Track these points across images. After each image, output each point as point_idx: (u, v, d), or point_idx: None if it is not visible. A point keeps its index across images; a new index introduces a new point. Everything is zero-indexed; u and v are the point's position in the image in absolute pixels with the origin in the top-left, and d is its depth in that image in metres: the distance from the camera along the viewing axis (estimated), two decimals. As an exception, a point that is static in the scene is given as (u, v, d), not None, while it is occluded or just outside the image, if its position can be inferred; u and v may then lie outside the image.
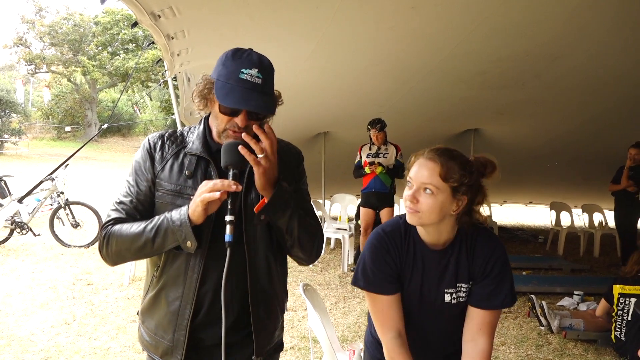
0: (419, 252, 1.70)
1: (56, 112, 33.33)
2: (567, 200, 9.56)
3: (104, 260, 1.56)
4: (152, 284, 1.57)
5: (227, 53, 1.46)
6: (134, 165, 1.57)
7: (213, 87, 1.45)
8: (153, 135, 1.59)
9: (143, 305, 1.62)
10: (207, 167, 1.52)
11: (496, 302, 1.68)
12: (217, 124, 1.50)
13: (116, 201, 1.56)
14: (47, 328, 4.16)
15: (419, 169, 1.59)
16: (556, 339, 4.26)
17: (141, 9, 3.22)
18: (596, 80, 5.46)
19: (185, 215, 1.40)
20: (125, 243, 1.47)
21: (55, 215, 7.27)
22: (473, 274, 1.69)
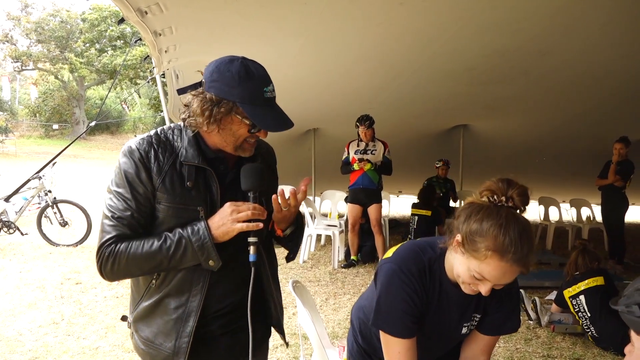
0: (444, 290, 1.63)
1: (43, 110, 33.02)
2: (556, 195, 9.65)
3: (104, 277, 1.49)
4: (149, 292, 1.53)
5: (236, 71, 1.42)
6: (124, 176, 1.45)
7: (232, 110, 1.43)
8: (138, 143, 1.48)
9: (137, 314, 1.56)
10: (208, 177, 1.51)
11: (505, 329, 1.72)
12: (234, 140, 1.49)
13: (112, 215, 1.45)
14: (35, 328, 4.12)
15: (504, 275, 1.42)
16: (544, 333, 4.29)
17: (128, 6, 3.19)
18: (584, 76, 5.51)
19: (208, 237, 1.44)
20: (138, 262, 1.44)
21: (43, 214, 7.20)
22: (489, 306, 1.69)
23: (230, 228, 1.45)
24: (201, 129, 1.49)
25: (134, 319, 1.59)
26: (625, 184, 6.58)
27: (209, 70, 1.46)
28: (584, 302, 4.06)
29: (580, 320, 4.14)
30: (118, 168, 1.48)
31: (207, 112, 1.43)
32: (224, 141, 1.51)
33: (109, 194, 1.48)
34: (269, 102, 1.46)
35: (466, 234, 1.45)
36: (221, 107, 1.43)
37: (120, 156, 1.48)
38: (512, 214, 1.42)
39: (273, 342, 3.99)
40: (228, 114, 1.44)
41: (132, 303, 1.61)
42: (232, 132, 1.48)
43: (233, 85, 1.42)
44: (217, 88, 1.42)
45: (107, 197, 1.48)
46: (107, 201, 1.47)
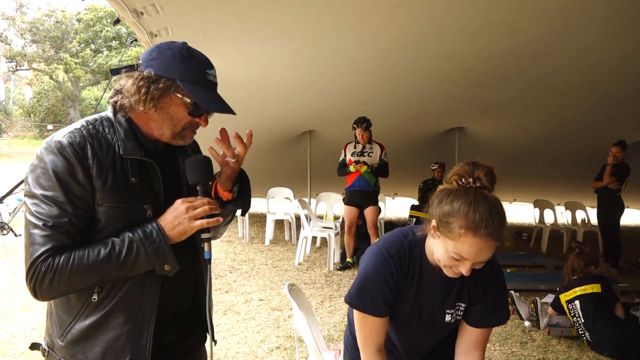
0: (425, 275, 1.66)
1: (38, 110, 32.90)
2: (551, 197, 9.68)
3: (39, 297, 1.28)
4: (88, 310, 1.33)
5: (177, 50, 1.35)
6: (54, 176, 1.26)
7: (171, 87, 1.34)
8: (69, 137, 1.30)
9: (72, 337, 1.34)
10: (150, 172, 1.39)
11: (493, 321, 1.71)
12: (173, 125, 1.39)
13: (44, 224, 1.25)
14: (28, 330, 4.09)
15: (481, 251, 1.45)
16: (540, 336, 4.29)
17: (123, 6, 3.17)
18: (579, 78, 5.53)
19: (163, 239, 1.31)
20: (82, 275, 1.26)
21: (36, 215, 7.16)
22: (473, 294, 1.70)
23: (188, 227, 1.33)
24: (135, 110, 1.36)
25: (65, 344, 1.35)
26: (620, 187, 6.61)
27: (148, 51, 1.38)
28: (578, 307, 4.07)
29: (575, 324, 4.14)
30: (43, 168, 1.27)
31: (143, 89, 1.32)
32: (161, 127, 1.40)
33: (31, 198, 1.27)
34: (212, 85, 1.39)
35: (439, 217, 1.49)
36: (159, 83, 1.32)
37: (45, 153, 1.28)
38: (480, 193, 1.46)
39: (268, 345, 3.98)
40: (167, 92, 1.34)
41: (57, 326, 1.37)
42: (169, 115, 1.37)
43: (174, 63, 1.33)
44: (156, 66, 1.33)
45: (30, 203, 1.27)
46: (31, 208, 1.26)
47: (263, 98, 6.33)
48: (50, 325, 1.40)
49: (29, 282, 1.26)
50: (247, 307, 4.82)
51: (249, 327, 4.25)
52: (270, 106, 6.66)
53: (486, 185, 1.49)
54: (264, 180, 8.66)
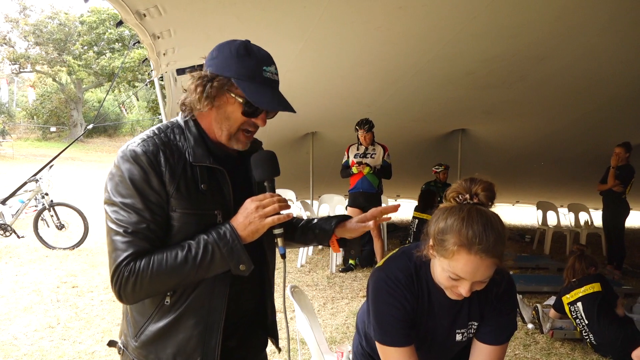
0: (433, 297, 1.61)
1: (41, 112, 32.96)
2: (554, 199, 9.66)
3: (124, 301, 1.34)
4: (160, 312, 1.38)
5: (235, 47, 1.37)
6: (132, 184, 1.29)
7: (225, 85, 1.35)
8: (143, 145, 1.33)
9: (146, 338, 1.40)
10: (222, 178, 1.41)
11: (504, 337, 1.65)
12: (229, 125, 1.40)
13: (125, 230, 1.29)
14: (30, 332, 4.09)
15: (478, 269, 1.39)
16: (543, 339, 4.28)
17: (126, 8, 3.17)
18: (582, 81, 5.50)
19: (236, 239, 1.33)
20: (163, 278, 1.30)
21: (39, 216, 7.17)
22: (485, 311, 1.65)
23: (260, 225, 1.35)
24: (195, 109, 1.39)
25: (139, 345, 1.41)
26: (625, 190, 6.58)
27: (211, 52, 1.41)
28: (581, 309, 4.05)
29: (578, 327, 4.12)
30: (120, 176, 1.31)
31: (200, 87, 1.35)
32: (220, 127, 1.41)
33: (111, 206, 1.31)
34: (269, 82, 1.37)
35: (434, 236, 1.46)
36: (214, 82, 1.34)
37: (121, 162, 1.32)
38: (475, 209, 1.42)
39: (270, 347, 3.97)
40: (222, 90, 1.35)
41: (132, 326, 1.43)
42: (226, 114, 1.39)
43: (230, 61, 1.35)
44: (214, 65, 1.36)
45: (110, 211, 1.31)
46: (112, 215, 1.30)
47: (265, 100, 6.32)
48: (125, 326, 1.46)
49: (114, 286, 1.30)
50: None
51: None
52: (272, 108, 6.64)
53: (484, 201, 1.44)
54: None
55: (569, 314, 4.18)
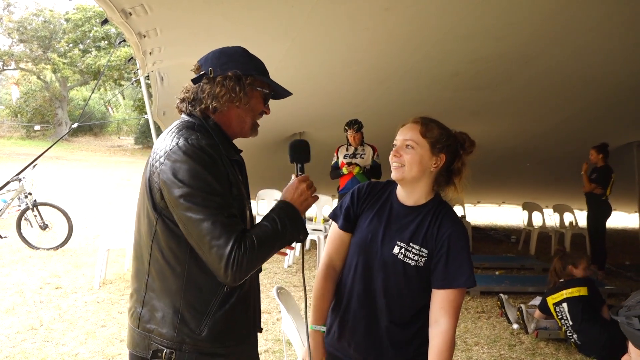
0: (389, 204, 1.81)
1: (25, 111, 32.49)
2: (539, 200, 9.73)
3: (236, 281, 1.40)
4: (223, 298, 1.49)
5: (241, 51, 1.59)
6: (206, 172, 1.39)
7: (253, 82, 1.54)
8: (201, 140, 1.44)
9: (217, 323, 1.48)
10: (242, 169, 1.62)
11: (457, 282, 1.68)
12: (252, 116, 1.60)
13: (223, 214, 1.38)
14: (12, 334, 4.03)
15: (403, 130, 1.76)
16: (528, 339, 4.31)
17: (111, 6, 3.13)
18: (568, 82, 5.56)
19: (297, 212, 1.52)
20: (265, 251, 1.43)
21: (22, 216, 7.06)
22: (429, 241, 1.72)
23: (312, 201, 1.58)
24: (221, 111, 1.53)
25: (207, 335, 1.47)
26: (605, 191, 6.63)
27: (214, 57, 1.56)
28: (566, 310, 4.09)
29: (563, 327, 4.16)
30: (192, 166, 1.38)
31: (236, 87, 1.50)
32: (244, 120, 1.59)
33: (194, 197, 1.36)
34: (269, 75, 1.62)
35: None
36: (246, 80, 1.52)
37: (185, 155, 1.39)
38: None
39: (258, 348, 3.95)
40: (252, 85, 1.54)
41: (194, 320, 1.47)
42: (251, 107, 1.57)
43: (245, 62, 1.56)
44: (234, 67, 1.52)
45: (196, 201, 1.36)
46: (201, 203, 1.36)
47: (253, 100, 6.30)
48: (177, 325, 1.47)
49: (229, 268, 1.36)
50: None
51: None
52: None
53: None
54: (254, 182, 8.51)
55: (554, 315, 4.22)
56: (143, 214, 1.53)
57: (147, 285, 1.50)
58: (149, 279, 1.50)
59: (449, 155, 1.76)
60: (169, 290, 1.48)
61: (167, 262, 1.47)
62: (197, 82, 1.55)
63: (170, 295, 1.47)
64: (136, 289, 1.55)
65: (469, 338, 4.31)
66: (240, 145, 1.70)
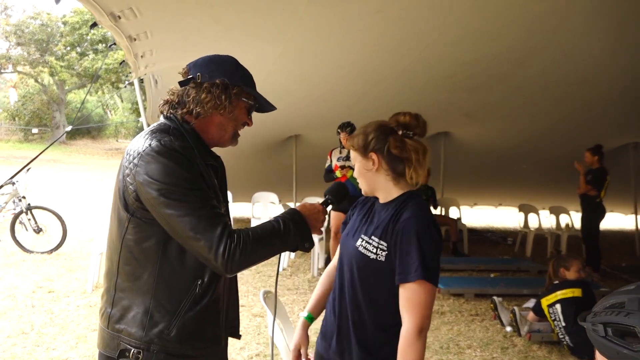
0: (372, 203, 1.82)
1: (23, 114, 32.41)
2: (536, 202, 9.71)
3: (228, 272, 1.42)
4: (195, 299, 1.49)
5: (231, 60, 1.60)
6: (182, 170, 1.40)
7: (240, 92, 1.56)
8: (169, 143, 1.44)
9: (186, 324, 1.48)
10: (219, 174, 1.62)
11: (411, 276, 1.55)
12: (234, 126, 1.61)
13: (205, 206, 1.40)
14: (2, 338, 4.00)
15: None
16: (521, 342, 4.29)
17: (100, 10, 3.13)
18: (562, 84, 5.57)
19: (305, 221, 1.54)
20: (261, 246, 1.45)
21: (16, 220, 7.04)
22: (388, 235, 1.64)
23: (319, 226, 1.61)
24: (204, 117, 1.53)
25: (176, 336, 1.47)
26: (599, 193, 6.63)
27: (203, 63, 1.56)
28: (559, 311, 4.08)
29: (555, 329, 4.15)
30: (167, 165, 1.39)
31: (222, 95, 1.51)
32: (225, 129, 1.60)
33: (174, 193, 1.37)
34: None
35: None
36: (233, 89, 1.54)
37: (159, 155, 1.40)
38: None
39: (248, 352, 3.94)
40: (238, 96, 1.56)
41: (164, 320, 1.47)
42: (235, 117, 1.59)
43: (234, 71, 1.57)
44: (222, 75, 1.53)
45: (177, 198, 1.37)
46: (182, 199, 1.37)
47: (247, 102, 6.31)
48: (145, 325, 1.47)
49: (220, 257, 1.37)
50: (229, 313, 4.77)
51: (230, 334, 4.20)
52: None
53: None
54: (249, 184, 8.61)
55: (547, 316, 4.21)
56: (114, 215, 1.54)
57: (117, 285, 1.51)
58: (118, 279, 1.51)
59: (378, 150, 1.69)
60: (139, 290, 1.48)
61: (137, 262, 1.48)
62: (184, 85, 1.55)
63: (141, 295, 1.48)
64: (106, 289, 1.57)
65: (462, 341, 4.29)
66: (236, 149, 1.76)
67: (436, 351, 4.07)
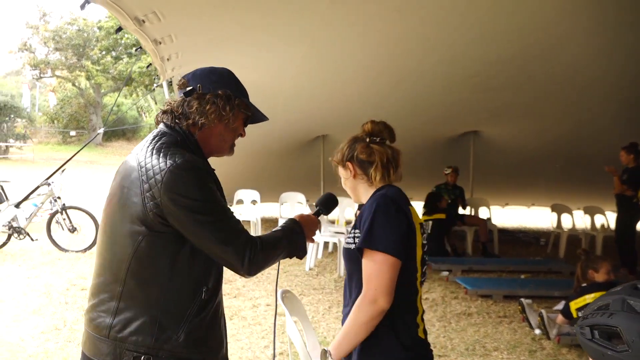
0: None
1: (61, 117, 33.46)
2: (570, 202, 9.46)
3: (248, 272, 1.52)
4: (201, 305, 1.53)
5: (228, 73, 1.65)
6: (204, 185, 1.49)
7: (240, 104, 1.61)
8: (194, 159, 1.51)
9: (196, 327, 1.52)
10: (217, 185, 1.63)
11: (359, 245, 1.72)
12: (233, 137, 1.66)
13: (231, 218, 1.51)
14: (37, 334, 4.15)
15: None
16: (550, 345, 4.20)
17: (124, 14, 3.20)
18: (589, 81, 5.43)
19: (303, 232, 1.65)
20: (274, 252, 1.57)
21: (52, 219, 7.27)
22: (358, 222, 1.79)
23: (312, 238, 1.72)
24: (207, 127, 1.57)
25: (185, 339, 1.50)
26: (636, 193, 6.40)
27: (203, 74, 1.60)
28: None
29: None
30: (193, 185, 1.46)
31: (227, 106, 1.56)
32: (224, 140, 1.65)
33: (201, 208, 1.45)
34: None
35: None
36: (235, 101, 1.58)
37: (182, 170, 1.46)
38: None
39: (272, 351, 3.96)
40: (239, 107, 1.60)
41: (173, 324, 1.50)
42: (233, 128, 1.63)
43: (232, 84, 1.62)
44: (223, 87, 1.57)
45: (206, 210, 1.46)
46: (210, 212, 1.47)
47: (274, 103, 6.34)
48: (154, 332, 1.49)
49: (245, 260, 1.48)
50: (254, 312, 4.82)
51: (254, 333, 4.25)
52: (281, 111, 6.66)
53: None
54: (277, 185, 8.66)
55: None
56: (120, 227, 1.52)
57: (122, 295, 1.50)
58: (124, 289, 1.50)
59: (351, 158, 1.87)
60: (147, 300, 1.50)
61: (147, 273, 1.50)
62: (189, 95, 1.57)
63: (148, 304, 1.50)
64: (104, 299, 1.54)
65: (489, 343, 4.23)
66: (264, 150, 1.86)
67: (461, 353, 4.02)
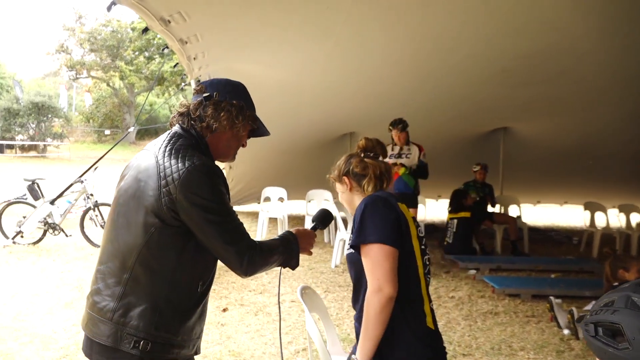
0: None
1: (96, 116, 34.35)
2: (604, 200, 9.19)
3: (245, 273, 1.65)
4: (197, 297, 1.69)
5: (242, 87, 1.77)
6: (221, 191, 1.61)
7: (251, 116, 1.73)
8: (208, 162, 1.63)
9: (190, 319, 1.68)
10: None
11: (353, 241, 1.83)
12: (237, 145, 1.77)
13: (238, 223, 1.64)
14: (69, 327, 4.28)
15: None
16: (579, 345, 4.10)
17: (150, 15, 3.27)
18: (624, 76, 5.25)
19: (297, 245, 1.79)
20: (270, 257, 1.69)
21: (85, 216, 7.48)
22: (353, 227, 1.89)
23: (307, 252, 1.86)
24: (218, 132, 1.68)
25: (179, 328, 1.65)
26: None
27: (219, 84, 1.73)
28: None
29: None
30: (209, 186, 1.58)
31: (240, 115, 1.68)
32: (230, 147, 1.76)
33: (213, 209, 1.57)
34: None
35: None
36: (247, 112, 1.70)
37: (201, 173, 1.58)
38: None
39: (295, 346, 4.00)
40: (250, 118, 1.72)
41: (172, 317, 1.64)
42: (240, 137, 1.75)
43: (248, 97, 1.74)
44: (237, 98, 1.70)
45: (217, 211, 1.58)
46: (220, 213, 1.59)
47: (300, 101, 6.37)
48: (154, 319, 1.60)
49: (247, 264, 1.62)
50: (279, 308, 4.85)
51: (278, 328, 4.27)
52: (307, 109, 6.68)
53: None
54: (304, 182, 8.68)
55: None
56: (134, 217, 1.63)
57: (127, 282, 1.61)
58: (130, 276, 1.61)
59: (347, 173, 2.00)
60: (152, 288, 1.62)
61: (155, 263, 1.61)
62: (208, 99, 1.68)
63: (151, 292, 1.61)
64: (110, 284, 1.64)
65: (515, 343, 4.15)
66: (291, 147, 1.92)
67: (486, 352, 3.97)
